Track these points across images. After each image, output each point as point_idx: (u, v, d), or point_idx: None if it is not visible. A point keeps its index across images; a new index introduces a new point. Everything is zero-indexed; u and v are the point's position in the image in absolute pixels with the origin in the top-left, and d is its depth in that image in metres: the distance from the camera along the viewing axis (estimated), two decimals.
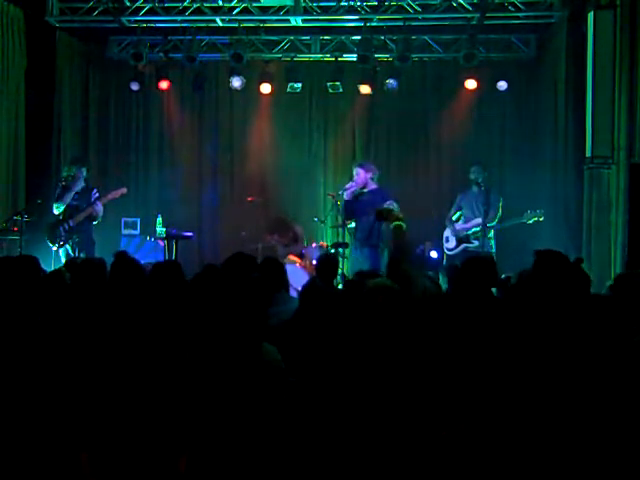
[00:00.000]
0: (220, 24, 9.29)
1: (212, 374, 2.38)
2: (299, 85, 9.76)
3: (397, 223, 4.22)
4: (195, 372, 2.39)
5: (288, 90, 9.76)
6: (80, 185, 8.06)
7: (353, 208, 7.55)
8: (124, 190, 8.29)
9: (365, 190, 7.59)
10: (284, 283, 4.39)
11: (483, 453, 2.55)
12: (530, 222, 7.94)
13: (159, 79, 9.80)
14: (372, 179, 7.62)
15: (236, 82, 9.68)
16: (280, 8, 8.96)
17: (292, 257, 8.37)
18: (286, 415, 2.37)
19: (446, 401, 2.46)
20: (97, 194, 8.10)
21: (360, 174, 7.60)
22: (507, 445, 2.46)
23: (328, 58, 9.85)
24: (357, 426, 2.40)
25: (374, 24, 9.09)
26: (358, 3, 8.84)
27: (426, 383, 2.55)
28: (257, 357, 2.45)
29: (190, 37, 9.30)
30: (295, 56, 9.82)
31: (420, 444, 2.32)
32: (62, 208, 7.91)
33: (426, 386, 2.53)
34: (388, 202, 6.84)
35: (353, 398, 2.50)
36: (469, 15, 8.80)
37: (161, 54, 9.79)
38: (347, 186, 7.66)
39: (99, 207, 7.98)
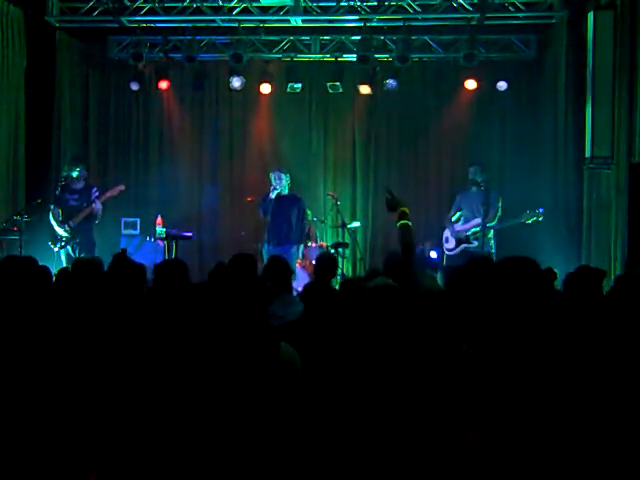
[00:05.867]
0: (220, 24, 9.28)
1: (230, 374, 2.38)
2: (299, 85, 9.76)
3: (404, 222, 4.05)
4: (212, 372, 2.39)
5: (288, 90, 9.75)
6: (80, 184, 8.07)
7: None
8: (122, 187, 8.26)
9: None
10: (288, 285, 4.39)
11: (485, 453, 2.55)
12: (530, 222, 7.91)
13: (159, 79, 9.80)
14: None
15: (236, 82, 9.68)
16: (280, 8, 8.97)
17: None
18: (302, 414, 2.37)
19: (453, 401, 2.46)
20: (97, 192, 8.10)
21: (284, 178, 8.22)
22: (513, 445, 2.46)
23: (328, 58, 9.84)
24: (367, 426, 2.41)
25: (374, 24, 9.10)
26: (358, 3, 8.84)
27: (432, 382, 2.56)
28: (275, 356, 2.45)
29: (190, 37, 9.31)
30: (295, 56, 9.81)
31: (427, 444, 2.33)
32: (67, 231, 7.91)
33: (433, 385, 2.54)
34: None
35: (362, 398, 2.51)
36: (469, 15, 8.81)
37: (161, 54, 9.79)
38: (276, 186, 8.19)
39: (98, 206, 7.97)
